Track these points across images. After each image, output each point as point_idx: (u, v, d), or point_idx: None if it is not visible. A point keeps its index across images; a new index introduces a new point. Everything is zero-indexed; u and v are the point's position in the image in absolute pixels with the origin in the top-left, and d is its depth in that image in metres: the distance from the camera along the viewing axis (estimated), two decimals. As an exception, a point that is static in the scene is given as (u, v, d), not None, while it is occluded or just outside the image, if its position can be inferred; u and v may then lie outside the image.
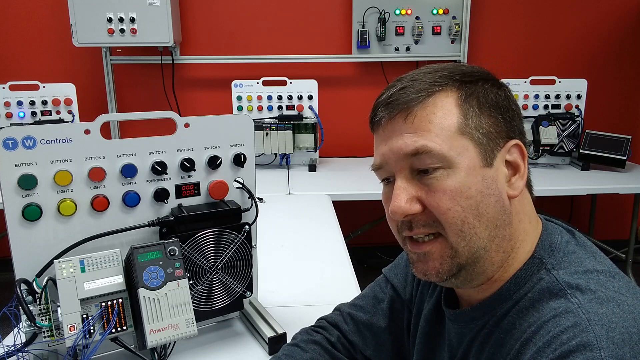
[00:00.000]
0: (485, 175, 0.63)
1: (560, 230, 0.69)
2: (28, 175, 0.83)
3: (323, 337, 0.90)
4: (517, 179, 0.66)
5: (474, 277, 0.66)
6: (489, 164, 0.64)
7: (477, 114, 0.64)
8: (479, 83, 0.66)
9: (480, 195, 0.63)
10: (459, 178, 0.62)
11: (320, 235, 1.71)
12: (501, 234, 0.64)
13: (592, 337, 0.53)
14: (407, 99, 0.65)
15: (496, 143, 0.65)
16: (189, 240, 0.94)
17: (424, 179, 0.64)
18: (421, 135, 0.63)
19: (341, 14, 2.94)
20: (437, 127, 0.63)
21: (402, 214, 0.65)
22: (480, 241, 0.64)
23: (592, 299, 0.58)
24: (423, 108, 0.64)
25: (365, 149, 2.99)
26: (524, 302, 0.63)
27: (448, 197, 0.62)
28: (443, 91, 0.65)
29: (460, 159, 0.63)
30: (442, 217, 0.63)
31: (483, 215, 0.63)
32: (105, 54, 2.81)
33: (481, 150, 0.64)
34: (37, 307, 0.81)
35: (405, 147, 0.64)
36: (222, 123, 0.99)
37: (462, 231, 0.63)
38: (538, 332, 0.59)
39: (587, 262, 0.64)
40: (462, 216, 0.62)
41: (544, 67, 3.02)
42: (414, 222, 0.66)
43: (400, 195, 0.65)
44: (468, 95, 0.65)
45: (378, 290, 0.93)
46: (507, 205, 0.65)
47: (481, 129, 0.64)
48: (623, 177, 2.51)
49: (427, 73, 0.67)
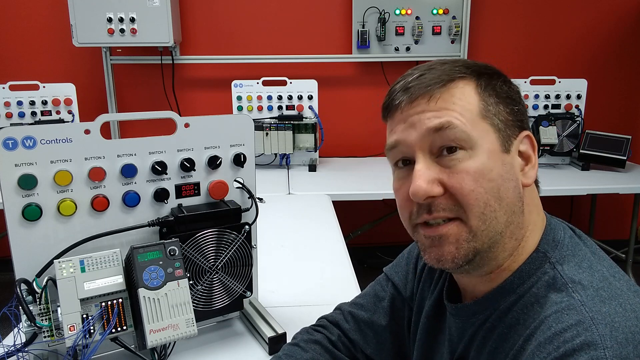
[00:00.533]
0: (504, 160, 0.64)
1: (563, 227, 0.70)
2: (28, 175, 0.83)
3: (324, 336, 0.90)
4: (530, 169, 0.67)
5: (486, 263, 0.65)
6: (507, 150, 0.65)
7: (496, 102, 0.66)
8: (494, 76, 0.68)
9: (501, 179, 0.63)
10: (481, 160, 0.63)
11: (320, 235, 1.71)
12: (516, 221, 0.65)
13: (597, 336, 0.53)
14: (429, 83, 0.65)
15: (512, 131, 0.66)
16: (189, 240, 0.94)
17: (446, 160, 0.63)
18: (445, 114, 0.63)
19: (341, 14, 2.94)
20: (460, 108, 0.64)
21: (424, 194, 0.62)
22: (498, 225, 0.63)
23: (595, 297, 0.58)
24: (446, 91, 0.65)
25: (365, 149, 2.99)
26: (529, 297, 0.63)
27: (472, 178, 0.62)
28: (463, 79, 0.66)
29: (482, 141, 0.63)
30: (465, 199, 0.62)
31: (503, 199, 0.63)
32: (105, 54, 2.81)
33: (500, 136, 0.65)
34: (37, 307, 0.81)
35: (429, 122, 0.64)
36: (222, 123, 0.99)
37: (484, 214, 0.62)
38: (539, 327, 0.58)
39: (590, 257, 0.65)
40: (485, 198, 0.62)
41: (544, 67, 3.02)
42: (434, 205, 0.64)
43: (422, 176, 0.63)
44: (486, 85, 0.66)
45: (379, 288, 0.93)
46: (523, 193, 0.66)
47: (500, 115, 0.65)
48: (623, 177, 2.51)
49: (443, 64, 0.67)
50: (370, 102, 2.98)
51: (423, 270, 0.86)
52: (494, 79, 0.68)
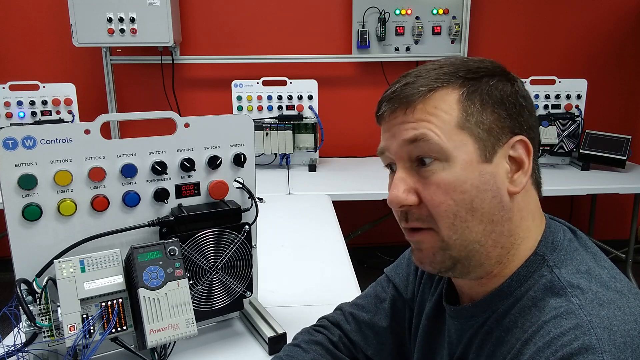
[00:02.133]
0: (483, 170, 0.64)
1: (564, 229, 0.69)
2: (28, 175, 0.83)
3: (324, 337, 0.90)
4: (520, 175, 0.65)
5: (471, 270, 0.67)
6: (489, 159, 0.64)
7: (479, 110, 0.64)
8: (484, 79, 0.66)
9: (476, 190, 0.63)
10: (454, 172, 0.63)
11: (320, 235, 1.71)
12: (498, 230, 0.65)
13: (595, 340, 0.53)
14: (408, 94, 0.65)
15: (498, 139, 0.65)
16: (189, 240, 0.94)
17: (421, 170, 0.65)
18: (421, 125, 0.64)
19: (341, 14, 2.94)
20: (437, 119, 0.64)
21: (397, 203, 0.66)
22: (473, 235, 0.64)
23: (594, 300, 0.58)
24: (424, 102, 0.65)
25: (365, 149, 2.99)
26: (526, 301, 0.63)
27: (442, 190, 0.63)
28: (445, 88, 0.65)
29: (457, 152, 0.63)
30: (434, 210, 0.64)
31: (477, 210, 0.63)
32: (105, 54, 2.81)
33: (481, 146, 0.64)
34: (37, 307, 0.81)
35: (405, 134, 0.65)
36: (222, 123, 0.98)
37: (454, 224, 0.64)
38: (538, 332, 0.58)
39: (588, 261, 0.64)
40: (454, 210, 0.63)
41: (544, 67, 3.02)
42: (409, 214, 0.67)
43: (398, 186, 0.66)
44: (471, 92, 0.65)
45: (380, 289, 0.93)
46: (507, 202, 0.65)
47: (482, 124, 0.64)
48: (623, 177, 2.51)
49: (432, 69, 0.67)
50: (370, 102, 2.95)
51: (424, 272, 0.86)
52: (484, 82, 0.65)
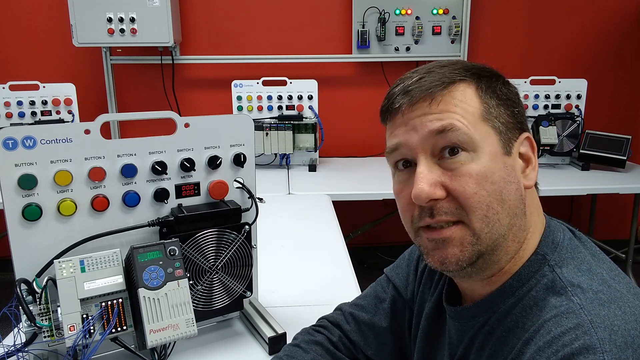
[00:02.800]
0: (506, 162, 0.64)
1: (563, 228, 0.70)
2: (28, 175, 0.83)
3: (324, 337, 0.90)
4: (531, 170, 0.67)
5: (489, 266, 0.65)
6: (508, 152, 0.65)
7: (496, 104, 0.66)
8: (493, 78, 0.68)
9: (503, 182, 0.63)
10: (483, 162, 0.63)
11: (320, 235, 1.71)
12: (518, 223, 0.65)
13: (595, 340, 0.53)
14: (429, 86, 0.65)
15: (513, 134, 0.66)
16: (189, 240, 0.94)
17: (448, 162, 0.63)
18: (447, 116, 0.63)
19: (341, 14, 2.94)
20: (461, 110, 0.64)
21: (426, 197, 0.62)
22: (501, 228, 0.63)
23: (594, 300, 0.58)
24: (447, 93, 0.64)
25: (365, 149, 2.99)
26: (528, 300, 0.63)
27: (474, 180, 0.62)
28: (463, 81, 0.65)
29: (484, 143, 0.63)
30: (467, 202, 0.62)
31: (505, 202, 0.63)
32: (105, 54, 2.81)
33: (501, 139, 0.65)
34: (37, 307, 0.81)
35: (432, 125, 0.63)
36: (222, 123, 0.98)
37: (487, 216, 0.62)
38: (539, 331, 0.58)
39: (589, 260, 0.64)
40: (487, 201, 0.62)
41: (544, 67, 3.02)
42: (436, 209, 0.64)
43: (425, 179, 0.63)
44: (487, 87, 0.66)
45: (380, 290, 0.93)
46: (524, 195, 0.66)
47: (501, 118, 0.65)
48: (623, 177, 2.51)
49: (442, 66, 0.67)
50: (370, 102, 2.97)
51: (424, 272, 0.86)
52: (493, 81, 0.68)
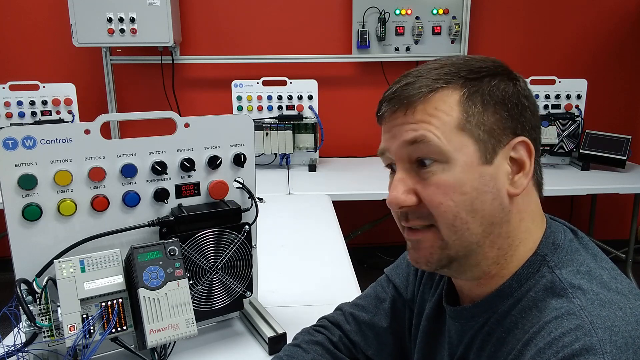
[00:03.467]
0: (483, 172, 0.63)
1: (564, 229, 0.69)
2: (28, 175, 0.83)
3: (325, 337, 0.90)
4: (521, 177, 0.65)
5: (468, 269, 0.67)
6: (489, 161, 0.64)
7: (480, 111, 0.64)
8: (485, 80, 0.65)
9: (476, 192, 0.63)
10: (454, 174, 0.63)
11: (320, 235, 1.71)
12: (497, 231, 0.65)
13: (595, 341, 0.53)
14: (408, 95, 0.65)
15: (499, 140, 0.64)
16: (189, 240, 0.94)
17: (421, 172, 0.65)
18: (421, 127, 0.64)
19: (341, 14, 2.94)
20: (437, 121, 0.64)
21: (397, 204, 0.66)
22: (472, 236, 0.64)
23: (595, 301, 0.58)
24: (424, 103, 0.64)
25: (365, 149, 2.99)
26: (527, 301, 0.63)
27: (441, 191, 0.63)
28: (445, 88, 0.64)
29: (458, 154, 0.63)
30: (434, 211, 0.64)
31: (477, 211, 0.63)
32: (105, 54, 2.81)
33: (481, 147, 0.63)
34: (37, 307, 0.81)
35: (406, 135, 0.65)
36: (222, 123, 0.98)
37: (454, 225, 0.64)
38: (539, 333, 0.58)
39: (589, 262, 0.64)
40: (454, 211, 0.63)
41: (544, 67, 3.02)
42: (410, 213, 0.67)
43: (398, 187, 0.66)
44: (472, 92, 0.64)
45: (380, 290, 0.93)
46: (506, 203, 0.65)
47: (483, 126, 0.64)
48: (623, 177, 2.51)
49: (433, 69, 0.66)
50: (370, 102, 2.95)
51: (424, 272, 0.86)
52: (484, 82, 0.65)
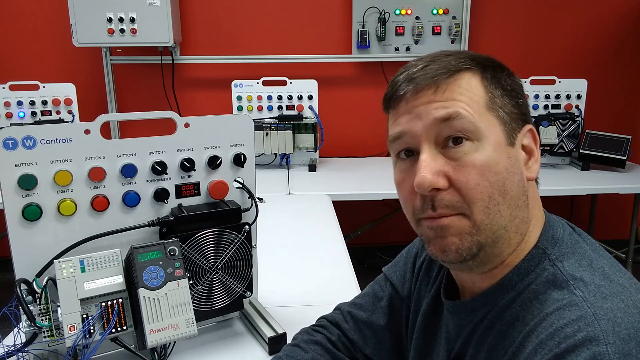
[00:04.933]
0: (510, 153, 0.64)
1: (562, 224, 0.69)
2: (28, 175, 0.83)
3: (324, 336, 0.90)
4: (533, 162, 0.67)
5: (490, 259, 0.65)
6: (512, 143, 0.65)
7: (501, 94, 0.65)
8: (498, 69, 0.68)
9: (507, 173, 0.63)
10: (487, 152, 0.62)
11: (320, 235, 1.71)
12: (520, 215, 0.64)
13: (599, 332, 0.53)
14: (434, 74, 0.64)
15: (517, 124, 0.66)
16: (189, 240, 0.94)
17: (452, 151, 0.63)
18: (453, 104, 0.63)
19: (341, 14, 2.94)
20: (467, 98, 0.63)
21: (429, 186, 0.62)
22: (502, 220, 0.63)
23: (597, 293, 0.57)
24: (452, 82, 0.64)
25: (365, 149, 2.99)
26: (528, 294, 0.63)
27: (477, 171, 0.61)
28: (469, 70, 0.65)
29: (489, 133, 0.63)
30: (469, 193, 0.62)
31: (508, 193, 0.63)
32: (105, 54, 2.81)
33: (506, 129, 0.64)
34: (37, 307, 0.81)
35: (436, 113, 0.63)
36: (222, 123, 0.99)
37: (488, 207, 0.62)
38: (541, 324, 0.58)
39: (590, 254, 0.64)
40: (489, 192, 0.62)
41: (544, 67, 3.02)
42: (437, 200, 0.63)
43: (428, 167, 0.62)
44: (492, 77, 0.66)
45: (378, 288, 0.93)
46: (527, 187, 0.66)
47: (505, 108, 0.65)
48: (623, 177, 2.51)
49: (447, 55, 0.67)
50: (370, 102, 2.97)
51: (421, 268, 0.86)
52: (498, 71, 0.67)
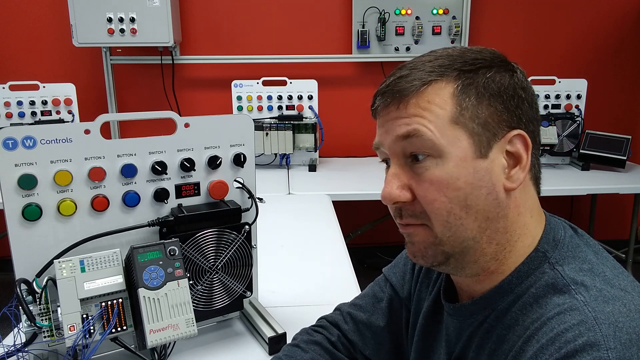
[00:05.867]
0: (477, 166, 0.62)
1: (564, 226, 0.69)
2: (28, 175, 0.83)
3: (323, 337, 0.90)
4: (517, 171, 0.64)
5: (466, 266, 0.66)
6: (484, 155, 0.63)
7: (474, 104, 0.63)
8: (481, 71, 0.64)
9: (470, 187, 0.62)
10: (447, 169, 0.62)
11: (320, 235, 1.71)
12: (494, 226, 0.64)
13: (600, 337, 0.52)
14: (401, 88, 0.65)
15: (494, 134, 0.63)
16: (189, 240, 0.94)
17: (415, 167, 0.65)
18: (414, 121, 0.63)
19: (341, 14, 2.94)
20: (430, 114, 0.63)
21: (391, 200, 0.66)
22: (467, 232, 0.63)
23: (598, 297, 0.57)
24: (417, 97, 0.64)
25: (365, 148, 2.99)
26: (527, 298, 0.63)
27: (435, 187, 0.63)
28: (439, 81, 0.64)
29: (451, 148, 0.62)
30: (427, 207, 0.64)
31: (472, 207, 0.63)
32: (105, 54, 2.81)
33: (475, 141, 0.62)
34: (37, 307, 0.81)
35: (398, 130, 0.64)
36: (222, 123, 0.99)
37: (448, 222, 0.63)
38: (541, 329, 0.58)
39: (591, 258, 0.64)
40: (447, 207, 0.63)
41: (544, 67, 3.02)
42: (403, 210, 0.67)
43: (392, 182, 0.66)
44: (466, 85, 0.63)
45: (377, 289, 0.93)
46: (502, 198, 0.64)
47: (478, 119, 0.63)
48: (623, 177, 2.51)
49: (427, 62, 0.66)
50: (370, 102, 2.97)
51: (421, 270, 0.86)
52: (479, 75, 0.64)
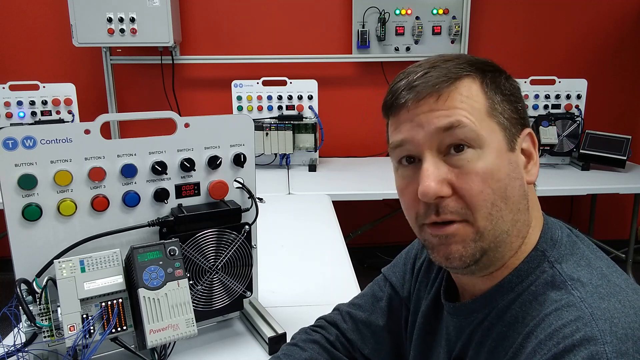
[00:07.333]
0: (510, 159, 0.65)
1: (560, 226, 0.70)
2: (28, 175, 0.83)
3: (322, 336, 0.90)
4: (532, 166, 0.68)
5: (493, 262, 0.65)
6: (512, 148, 0.65)
7: (500, 100, 0.66)
8: (497, 73, 0.68)
9: (508, 178, 0.63)
10: (490, 160, 0.63)
11: (320, 235, 1.71)
12: (522, 219, 0.65)
13: (596, 332, 0.53)
14: (435, 82, 0.64)
15: (516, 129, 0.66)
16: (189, 240, 0.94)
17: (454, 159, 0.63)
18: (454, 113, 0.63)
19: (341, 14, 2.94)
20: (468, 106, 0.63)
21: (433, 195, 0.62)
22: (504, 225, 0.63)
23: (594, 293, 0.58)
24: (453, 89, 0.64)
25: (365, 149, 2.99)
26: (527, 295, 0.63)
27: (480, 179, 0.62)
28: (469, 76, 0.65)
29: (490, 140, 0.63)
30: (473, 200, 0.62)
31: (509, 198, 0.63)
32: (105, 54, 2.81)
33: (506, 134, 0.65)
34: (37, 307, 0.81)
35: (439, 122, 0.63)
36: (222, 123, 0.99)
37: (491, 214, 0.62)
38: (539, 325, 0.59)
39: (588, 255, 0.65)
40: (492, 198, 0.62)
41: (544, 67, 3.02)
42: (441, 207, 0.63)
43: (431, 176, 0.62)
44: (491, 82, 0.66)
45: (377, 289, 0.93)
46: (527, 191, 0.66)
47: (505, 114, 0.65)
48: (623, 177, 2.51)
49: (446, 60, 0.67)
50: (370, 102, 2.98)
51: (420, 270, 0.86)
52: (497, 76, 0.68)
